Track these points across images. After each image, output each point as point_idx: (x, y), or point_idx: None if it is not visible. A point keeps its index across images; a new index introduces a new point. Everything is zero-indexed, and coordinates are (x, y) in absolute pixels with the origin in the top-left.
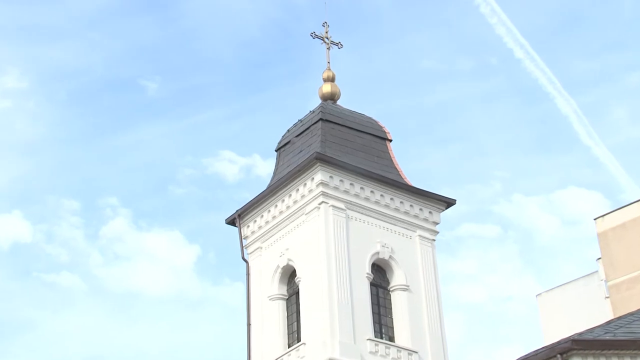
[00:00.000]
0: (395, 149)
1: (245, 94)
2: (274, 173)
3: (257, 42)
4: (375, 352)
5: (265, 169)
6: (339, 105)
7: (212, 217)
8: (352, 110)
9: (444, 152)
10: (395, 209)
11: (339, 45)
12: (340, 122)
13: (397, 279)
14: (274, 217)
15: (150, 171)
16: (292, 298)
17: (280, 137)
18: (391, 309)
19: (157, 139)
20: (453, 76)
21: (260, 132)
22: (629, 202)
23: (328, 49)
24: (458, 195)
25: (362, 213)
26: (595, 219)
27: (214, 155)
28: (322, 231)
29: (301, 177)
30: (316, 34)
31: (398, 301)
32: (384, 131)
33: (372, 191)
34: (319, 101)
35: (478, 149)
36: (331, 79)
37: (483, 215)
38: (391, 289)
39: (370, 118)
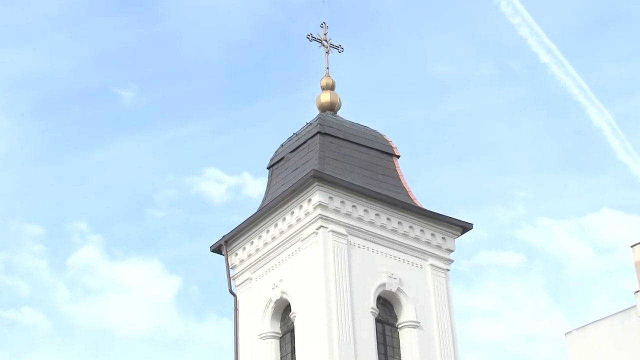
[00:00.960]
0: (404, 166)
1: (234, 105)
2: (266, 193)
3: (247, 45)
4: None
5: (256, 188)
6: (340, 117)
7: (195, 244)
8: (355, 122)
9: (460, 170)
10: (403, 234)
11: (339, 49)
12: (341, 136)
13: (406, 314)
14: (265, 244)
15: (125, 192)
16: (287, 336)
17: (273, 153)
18: (399, 348)
19: (133, 155)
20: (470, 84)
21: (251, 147)
22: None
23: (327, 52)
24: (476, 219)
25: (366, 239)
26: (632, 246)
27: (198, 173)
28: (320, 260)
29: (297, 198)
30: (313, 35)
31: (407, 340)
32: (391, 146)
33: (377, 214)
34: (317, 112)
35: (499, 166)
36: (330, 87)
37: (504, 242)
38: (399, 326)
39: (375, 131)
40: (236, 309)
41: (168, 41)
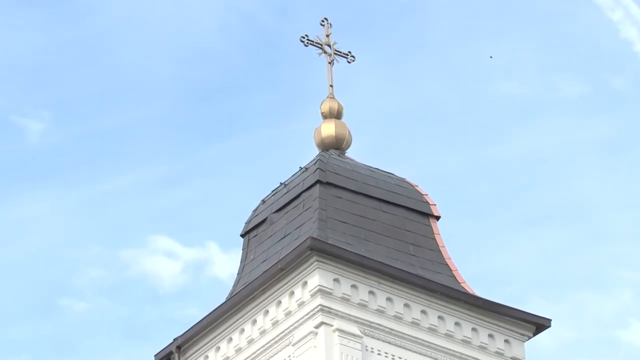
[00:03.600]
0: (447, 233)
1: (194, 143)
2: (240, 274)
3: (214, 55)
4: None
5: (225, 266)
6: (349, 159)
7: (134, 350)
8: (372, 166)
9: (533, 240)
10: (446, 335)
11: (349, 58)
12: (352, 187)
13: None
14: (238, 351)
15: (29, 272)
16: None
17: (250, 214)
18: None
19: (42, 216)
20: (548, 109)
21: (218, 205)
22: None
23: (330, 63)
24: (557, 313)
25: (389, 342)
26: None
27: (139, 244)
28: None
29: (286, 280)
30: (310, 38)
31: None
32: (427, 202)
33: (406, 304)
34: (316, 151)
35: (592, 234)
36: (335, 115)
37: (601, 346)
38: None
39: (402, 180)
40: None
41: (98, 49)
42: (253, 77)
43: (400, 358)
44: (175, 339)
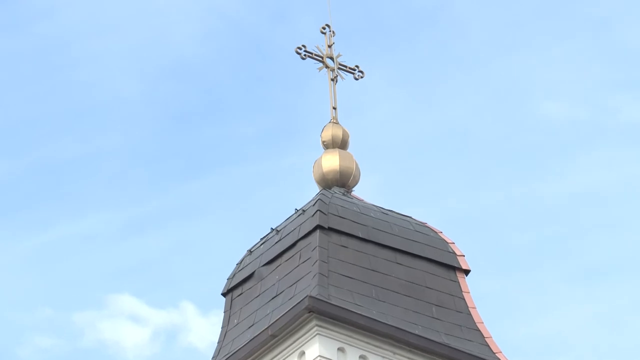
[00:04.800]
0: (479, 291)
1: (166, 179)
2: (221, 342)
3: (191, 71)
4: None
5: (202, 333)
6: (357, 198)
7: None
8: (385, 208)
9: (585, 298)
10: None
11: (356, 74)
12: (360, 234)
13: None
14: None
15: None
16: None
17: (234, 268)
18: None
19: None
20: (609, 135)
21: (195, 256)
22: None
23: (333, 80)
24: None
25: None
26: None
27: (97, 305)
28: None
29: (279, 350)
30: (308, 49)
31: None
32: (454, 253)
33: None
34: (316, 189)
35: None
36: (340, 144)
37: None
38: None
39: (422, 225)
40: None
41: (48, 63)
42: (239, 97)
43: None
44: None
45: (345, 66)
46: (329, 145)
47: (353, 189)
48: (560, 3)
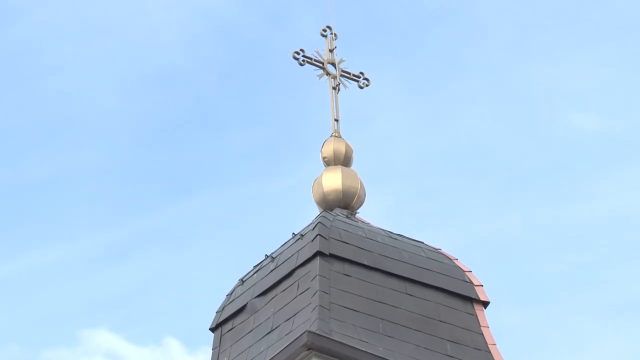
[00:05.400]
0: (498, 325)
1: (147, 202)
2: None
3: (173, 80)
4: None
5: None
6: (362, 221)
7: None
8: (392, 232)
9: (620, 333)
10: None
11: (361, 81)
12: (365, 262)
13: None
14: None
15: None
16: None
17: (224, 299)
18: None
19: None
20: None
21: (180, 288)
22: None
23: (335, 89)
24: None
25: None
26: None
27: (70, 341)
28: None
29: None
30: (306, 54)
31: None
32: (471, 283)
33: None
34: (316, 211)
35: None
36: (342, 160)
37: None
38: None
39: (435, 251)
40: None
41: (11, 71)
42: (230, 109)
43: None
44: None
45: (349, 73)
46: (330, 161)
47: (358, 210)
48: (590, 3)
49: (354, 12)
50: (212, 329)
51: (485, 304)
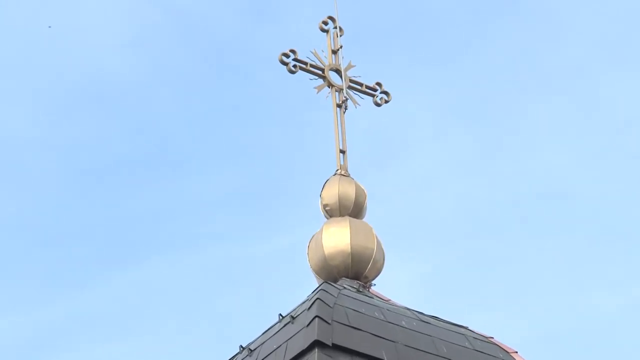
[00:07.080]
0: None
1: (76, 274)
2: None
3: (121, 97)
4: None
5: None
6: (378, 297)
7: None
8: (424, 313)
9: None
10: None
11: (377, 96)
12: (385, 356)
13: None
14: None
15: None
16: None
17: None
18: None
19: None
20: None
21: None
22: None
23: (340, 106)
24: None
25: None
26: None
27: None
28: None
29: None
30: (299, 58)
31: None
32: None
33: None
34: (315, 282)
35: None
36: (350, 210)
37: None
38: None
39: (486, 341)
40: None
41: None
42: (196, 137)
43: None
44: None
45: (361, 84)
46: (334, 211)
47: (373, 282)
48: None
49: (364, 4)
50: None
51: None
